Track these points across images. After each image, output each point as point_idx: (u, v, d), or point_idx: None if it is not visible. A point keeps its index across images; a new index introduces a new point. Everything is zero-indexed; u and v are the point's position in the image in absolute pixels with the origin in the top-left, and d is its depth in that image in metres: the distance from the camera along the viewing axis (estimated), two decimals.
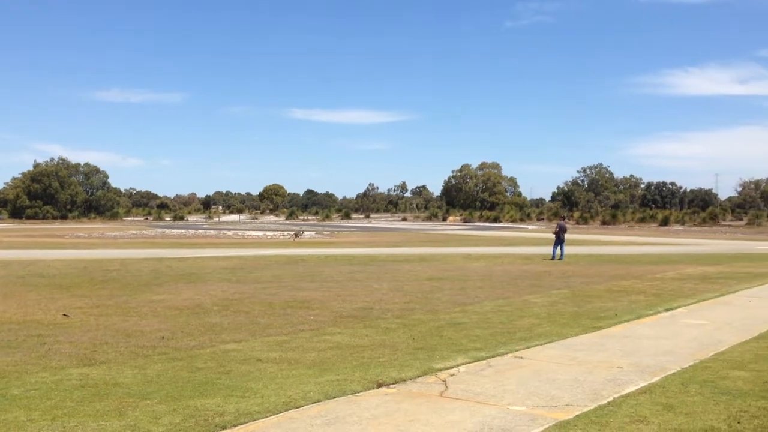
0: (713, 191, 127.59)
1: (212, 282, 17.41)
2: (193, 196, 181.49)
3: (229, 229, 63.07)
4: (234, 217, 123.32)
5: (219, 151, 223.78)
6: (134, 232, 56.97)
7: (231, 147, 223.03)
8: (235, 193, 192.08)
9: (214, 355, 8.70)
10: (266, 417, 6.01)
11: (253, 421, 5.90)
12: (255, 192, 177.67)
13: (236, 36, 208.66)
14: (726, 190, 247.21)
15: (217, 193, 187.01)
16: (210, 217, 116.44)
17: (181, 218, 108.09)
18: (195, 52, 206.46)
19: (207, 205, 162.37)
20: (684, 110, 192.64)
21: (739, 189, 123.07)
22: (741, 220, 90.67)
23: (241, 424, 5.82)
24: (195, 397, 6.60)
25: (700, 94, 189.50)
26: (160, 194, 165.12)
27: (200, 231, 59.26)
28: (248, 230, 60.96)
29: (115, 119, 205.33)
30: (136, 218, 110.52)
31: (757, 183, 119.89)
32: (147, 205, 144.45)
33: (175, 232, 56.81)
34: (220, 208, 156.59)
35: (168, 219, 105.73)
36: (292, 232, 48.63)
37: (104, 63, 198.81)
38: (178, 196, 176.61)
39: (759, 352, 9.00)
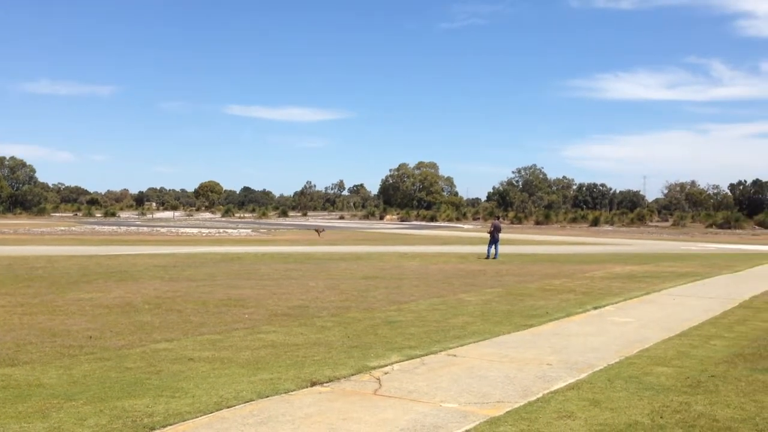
0: (641, 193, 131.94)
1: (144, 280, 17.02)
2: (125, 192, 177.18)
3: (163, 227, 61.76)
4: (168, 214, 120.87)
5: (153, 147, 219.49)
6: (63, 228, 55.20)
7: (166, 142, 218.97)
8: (169, 190, 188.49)
9: (144, 354, 8.51)
10: (197, 417, 5.91)
11: (183, 421, 5.80)
12: (190, 189, 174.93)
13: (172, 29, 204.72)
14: (653, 192, 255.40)
15: (150, 189, 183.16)
16: (143, 214, 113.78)
17: (113, 215, 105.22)
18: (128, 44, 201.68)
19: (140, 201, 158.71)
20: (614, 114, 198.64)
21: (666, 191, 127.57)
22: (667, 221, 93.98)
23: (171, 424, 5.71)
24: (123, 398, 6.45)
25: (630, 99, 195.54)
26: (91, 190, 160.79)
27: (132, 228, 57.83)
28: (183, 227, 59.86)
29: (43, 111, 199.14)
30: (64, 214, 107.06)
31: (682, 185, 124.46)
32: (76, 200, 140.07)
33: (106, 228, 55.31)
34: (154, 204, 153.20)
35: (99, 215, 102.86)
36: (314, 229, 48.53)
37: (31, 53, 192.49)
38: (109, 192, 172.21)
39: (681, 349, 9.34)
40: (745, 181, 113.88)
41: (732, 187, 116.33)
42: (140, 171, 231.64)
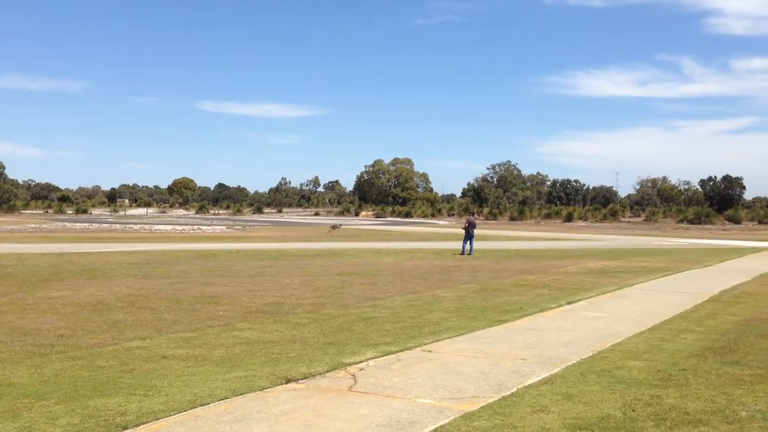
0: (614, 189, 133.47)
1: (117, 277, 16.84)
2: (97, 188, 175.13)
3: (136, 224, 61.15)
4: (141, 210, 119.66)
5: (125, 143, 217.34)
6: (33, 225, 54.39)
7: (138, 139, 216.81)
8: (142, 186, 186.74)
9: (117, 353, 8.42)
10: (170, 415, 5.87)
11: (157, 420, 5.76)
12: (164, 185, 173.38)
13: (142, 23, 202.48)
14: (625, 187, 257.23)
15: (123, 186, 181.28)
16: (115, 211, 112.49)
17: (85, 212, 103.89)
18: (99, 39, 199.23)
19: (112, 198, 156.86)
20: (587, 110, 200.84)
21: (638, 187, 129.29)
22: (639, 216, 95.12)
23: (144, 423, 5.67)
24: (95, 397, 6.38)
25: (602, 95, 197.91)
26: (62, 186, 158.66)
27: (105, 225, 57.18)
28: (156, 224, 59.32)
29: (13, 107, 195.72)
30: (35, 211, 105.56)
31: (654, 181, 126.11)
32: (47, 197, 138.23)
33: (78, 225, 54.62)
34: (127, 201, 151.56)
35: (70, 212, 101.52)
36: (330, 225, 48.03)
37: (0, 48, 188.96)
38: (81, 189, 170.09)
39: (652, 343, 9.47)
40: (716, 177, 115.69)
41: (702, 182, 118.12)
42: (112, 167, 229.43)
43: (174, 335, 9.60)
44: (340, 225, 49.80)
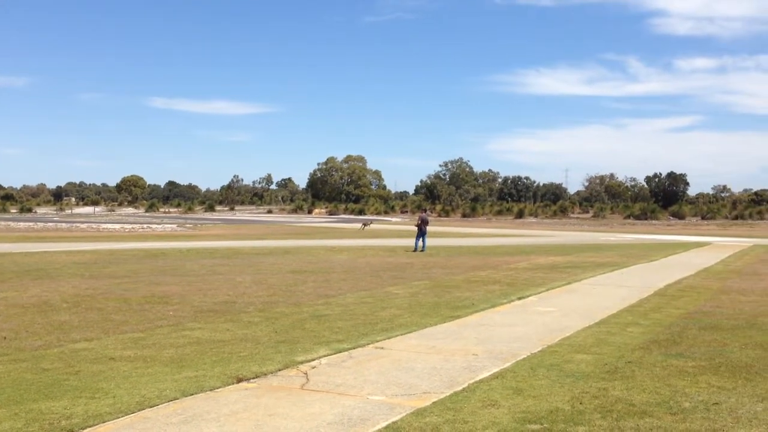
0: (563, 186, 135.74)
1: (62, 278, 16.44)
2: (42, 187, 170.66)
3: (83, 222, 59.80)
4: (89, 209, 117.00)
5: (71, 140, 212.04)
6: None
7: (84, 136, 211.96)
8: (90, 185, 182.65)
9: (62, 354, 8.22)
10: (118, 418, 5.76)
11: (104, 422, 5.64)
12: (112, 183, 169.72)
13: (89, 16, 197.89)
14: (575, 184, 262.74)
15: (69, 184, 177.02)
16: (62, 210, 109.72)
17: (29, 210, 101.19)
18: (43, 33, 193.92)
19: (58, 196, 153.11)
20: (536, 108, 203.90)
21: (586, 184, 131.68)
22: (588, 212, 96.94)
23: (90, 426, 5.55)
24: (40, 400, 6.22)
25: (551, 94, 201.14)
26: (5, 185, 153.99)
27: (50, 224, 55.76)
28: (104, 223, 58.10)
29: None
30: None
31: (601, 178, 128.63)
32: None
33: (22, 225, 53.13)
34: (73, 200, 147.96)
35: (14, 211, 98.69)
36: (361, 224, 46.85)
37: None
38: (25, 187, 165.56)
39: (600, 336, 9.66)
40: (661, 174, 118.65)
41: (648, 179, 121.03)
42: (58, 165, 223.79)
43: (122, 336, 9.41)
44: (371, 222, 48.29)
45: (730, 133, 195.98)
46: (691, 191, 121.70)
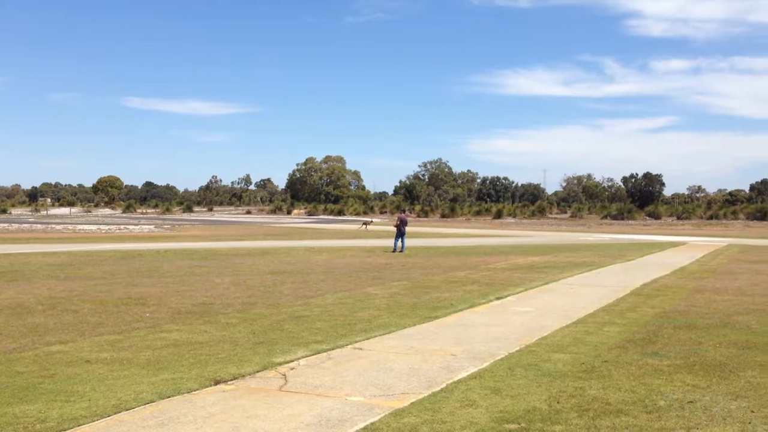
0: (542, 186, 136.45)
1: (37, 279, 16.24)
2: (16, 187, 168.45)
3: (59, 223, 59.11)
4: (65, 210, 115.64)
5: (46, 141, 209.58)
6: None
7: (60, 136, 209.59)
8: (65, 185, 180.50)
9: (37, 357, 8.13)
10: (93, 421, 5.70)
11: (79, 426, 5.58)
12: (88, 184, 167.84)
13: (60, 15, 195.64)
14: (553, 184, 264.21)
15: (45, 184, 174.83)
16: (37, 210, 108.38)
17: (4, 211, 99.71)
18: (15, 32, 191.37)
19: (33, 197, 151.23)
20: (514, 109, 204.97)
21: (564, 184, 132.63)
22: (565, 212, 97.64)
23: (65, 430, 5.49)
24: (14, 404, 6.14)
25: (529, 94, 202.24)
26: None
27: (25, 225, 55.04)
28: (80, 224, 57.49)
29: None
30: None
31: (579, 178, 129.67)
32: None
33: None
34: (49, 200, 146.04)
35: None
36: (362, 224, 46.54)
37: None
38: None
39: (577, 336, 9.74)
40: (637, 174, 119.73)
41: (625, 179, 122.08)
42: (33, 166, 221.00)
43: (98, 338, 9.32)
44: (371, 221, 48.46)
45: (704, 133, 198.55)
46: (667, 191, 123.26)
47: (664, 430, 5.66)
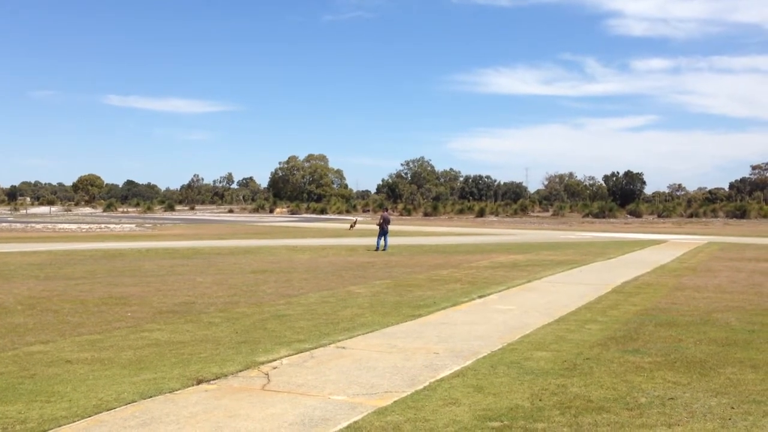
0: (524, 184, 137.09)
1: (16, 279, 16.07)
2: None
3: (39, 222, 58.52)
4: (44, 209, 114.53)
5: (25, 139, 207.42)
6: None
7: (39, 134, 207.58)
8: (45, 184, 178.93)
9: (17, 358, 8.04)
10: (74, 421, 5.65)
11: (59, 426, 5.53)
12: (68, 183, 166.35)
13: (41, 11, 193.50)
14: (535, 183, 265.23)
15: (24, 183, 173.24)
16: (16, 209, 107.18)
17: None
18: None
19: (12, 196, 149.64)
20: (496, 108, 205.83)
21: (546, 182, 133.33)
22: (547, 211, 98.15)
23: (46, 430, 5.43)
24: None
25: (510, 93, 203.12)
26: None
27: (4, 224, 54.43)
28: (60, 223, 56.96)
29: None
30: None
31: (561, 177, 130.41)
32: None
33: None
34: (29, 199, 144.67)
35: None
36: (349, 225, 46.00)
37: None
38: None
39: (559, 334, 9.79)
40: (618, 173, 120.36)
41: (606, 178, 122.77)
42: (11, 164, 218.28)
43: (78, 338, 9.24)
44: (356, 221, 48.26)
45: (684, 132, 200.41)
46: (648, 190, 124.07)
47: (645, 427, 5.70)
